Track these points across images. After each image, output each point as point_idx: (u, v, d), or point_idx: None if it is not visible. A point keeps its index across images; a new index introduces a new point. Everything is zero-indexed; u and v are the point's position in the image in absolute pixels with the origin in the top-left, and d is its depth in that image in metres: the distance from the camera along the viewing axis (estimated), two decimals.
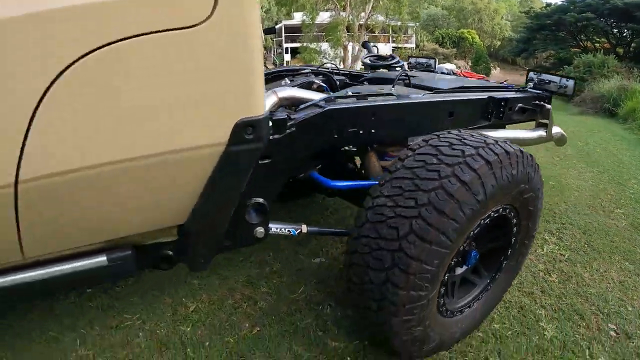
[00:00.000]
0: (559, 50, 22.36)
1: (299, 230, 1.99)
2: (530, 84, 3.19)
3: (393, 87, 2.37)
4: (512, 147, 1.71)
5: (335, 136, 1.87)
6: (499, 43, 30.69)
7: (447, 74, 4.97)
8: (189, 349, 1.98)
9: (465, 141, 1.65)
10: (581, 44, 22.67)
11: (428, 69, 4.02)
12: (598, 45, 21.55)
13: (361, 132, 1.94)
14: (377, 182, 1.75)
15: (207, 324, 2.16)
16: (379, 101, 2.03)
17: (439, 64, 4.96)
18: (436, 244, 1.49)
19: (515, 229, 1.94)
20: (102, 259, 1.50)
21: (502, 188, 1.63)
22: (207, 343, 2.02)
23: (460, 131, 1.78)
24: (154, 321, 2.17)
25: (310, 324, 2.17)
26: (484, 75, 17.63)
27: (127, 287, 2.42)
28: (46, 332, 2.07)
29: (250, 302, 2.32)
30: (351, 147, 2.21)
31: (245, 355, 1.97)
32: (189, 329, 2.11)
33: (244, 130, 1.41)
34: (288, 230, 1.95)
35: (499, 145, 1.66)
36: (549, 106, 2.87)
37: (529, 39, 25.21)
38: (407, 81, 2.74)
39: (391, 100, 2.09)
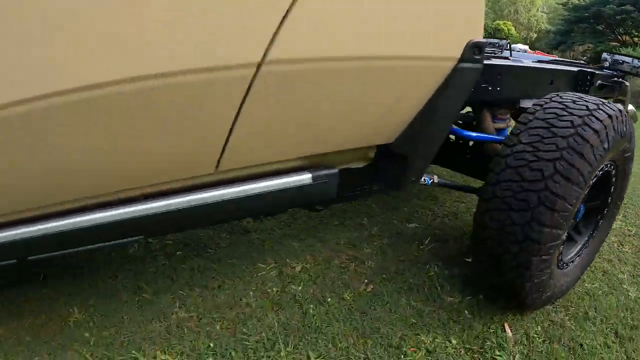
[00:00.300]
0: (597, 44, 21.90)
1: (432, 180, 2.19)
2: (606, 64, 3.31)
3: (502, 52, 2.57)
4: (621, 107, 1.89)
5: (471, 89, 2.01)
6: (535, 35, 30.17)
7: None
8: (311, 306, 1.98)
9: (585, 99, 1.83)
10: (619, 37, 22.22)
11: (500, 49, 4.17)
12: (637, 39, 21.13)
13: (490, 88, 2.09)
14: (501, 138, 1.95)
15: (318, 282, 2.17)
16: (504, 62, 2.20)
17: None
18: (576, 184, 1.64)
19: (612, 187, 2.12)
20: (306, 176, 1.40)
21: (616, 141, 1.80)
22: (328, 299, 2.05)
23: (575, 92, 1.95)
24: (260, 281, 2.15)
25: (422, 282, 2.27)
26: (555, 55, 17.52)
27: (220, 250, 2.40)
28: (138, 294, 1.98)
29: (357, 262, 2.38)
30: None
31: (366, 310, 2.00)
32: (300, 287, 2.12)
33: (473, 50, 1.51)
34: (424, 179, 2.13)
35: (612, 104, 1.85)
36: (627, 83, 3.01)
37: (566, 31, 24.67)
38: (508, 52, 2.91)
39: (515, 63, 2.26)
